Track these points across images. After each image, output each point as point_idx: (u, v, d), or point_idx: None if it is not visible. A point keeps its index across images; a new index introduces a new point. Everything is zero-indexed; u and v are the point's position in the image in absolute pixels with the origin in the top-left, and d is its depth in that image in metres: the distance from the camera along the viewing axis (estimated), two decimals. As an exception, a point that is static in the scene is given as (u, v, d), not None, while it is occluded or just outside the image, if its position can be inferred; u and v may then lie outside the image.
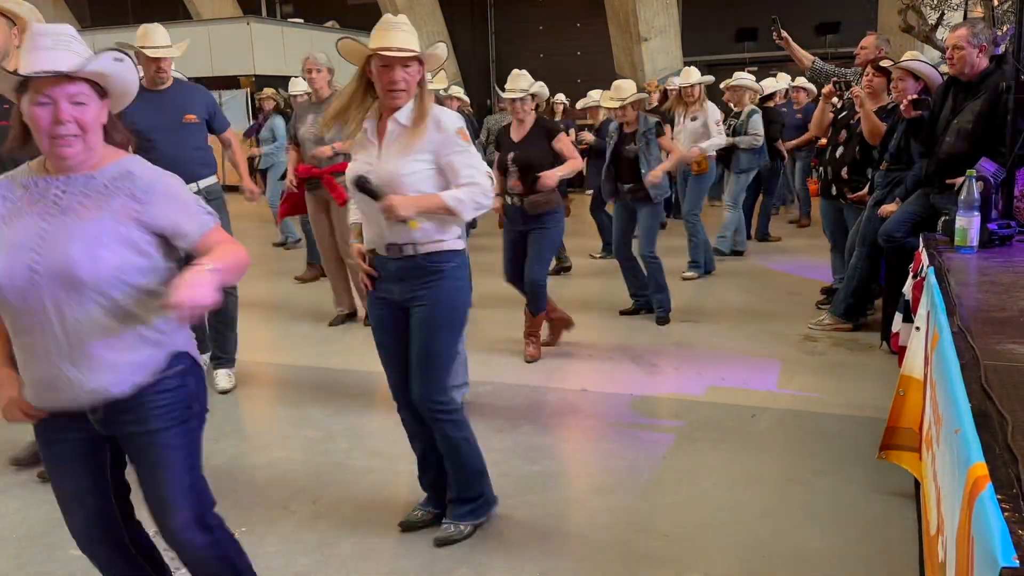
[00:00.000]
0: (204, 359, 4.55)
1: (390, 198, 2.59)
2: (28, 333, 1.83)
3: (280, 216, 6.64)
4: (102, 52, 1.82)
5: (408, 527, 3.01)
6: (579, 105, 9.87)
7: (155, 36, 4.23)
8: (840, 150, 5.70)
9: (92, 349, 1.85)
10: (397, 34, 2.60)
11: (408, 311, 2.78)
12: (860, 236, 5.26)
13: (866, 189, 5.45)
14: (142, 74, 4.32)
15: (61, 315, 1.81)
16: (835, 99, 5.95)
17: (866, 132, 5.36)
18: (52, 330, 1.81)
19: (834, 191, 5.75)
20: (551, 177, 4.62)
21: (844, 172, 5.64)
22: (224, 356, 4.70)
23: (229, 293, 4.61)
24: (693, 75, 7.26)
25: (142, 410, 1.93)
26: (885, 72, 5.37)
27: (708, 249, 7.39)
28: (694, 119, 7.24)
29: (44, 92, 1.77)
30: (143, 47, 4.17)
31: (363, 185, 2.63)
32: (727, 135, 7.67)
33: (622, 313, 6.02)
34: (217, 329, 4.64)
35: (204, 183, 4.34)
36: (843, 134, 5.71)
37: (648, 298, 5.94)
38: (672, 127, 7.56)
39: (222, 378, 4.63)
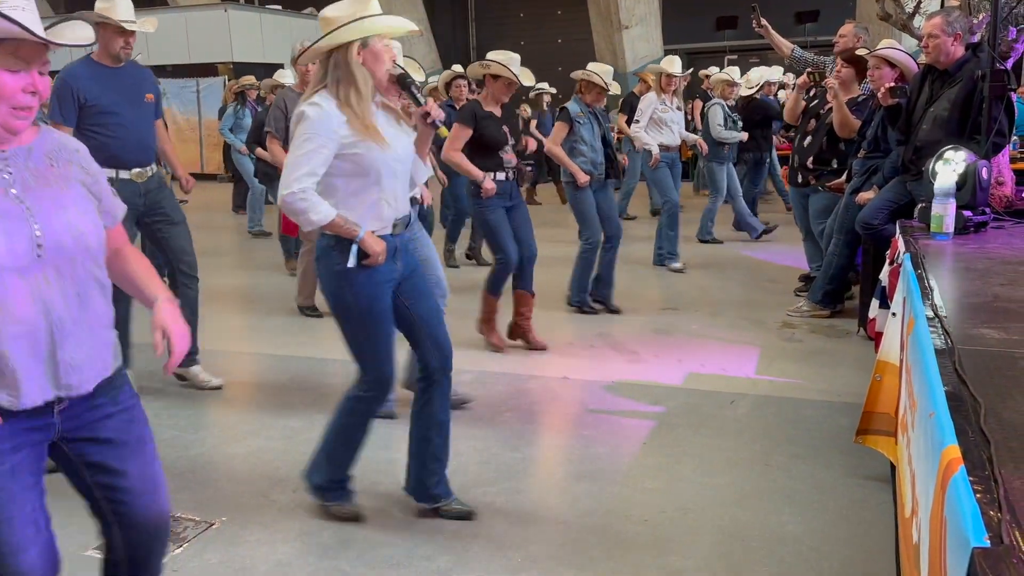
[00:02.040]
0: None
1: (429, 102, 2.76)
2: (21, 320, 1.63)
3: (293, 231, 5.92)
4: (71, 19, 1.71)
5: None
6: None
7: (122, 9, 3.99)
8: (808, 139, 5.76)
9: (92, 326, 1.74)
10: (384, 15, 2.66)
11: (400, 287, 2.82)
12: (837, 224, 5.31)
13: (843, 177, 5.49)
14: (95, 48, 4.09)
15: (64, 292, 1.68)
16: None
17: (836, 123, 5.40)
18: (55, 311, 1.66)
19: (800, 179, 5.82)
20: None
21: (809, 161, 5.69)
22: (196, 351, 4.43)
23: (196, 279, 4.41)
24: (678, 64, 7.30)
25: (113, 388, 1.83)
26: (855, 63, 5.40)
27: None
28: (679, 108, 7.37)
29: (21, 57, 1.59)
30: (119, 20, 3.95)
31: (409, 83, 2.75)
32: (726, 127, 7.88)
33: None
34: (192, 324, 4.37)
35: (155, 166, 4.21)
36: (812, 123, 5.77)
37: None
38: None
39: (205, 375, 4.39)
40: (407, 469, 3.04)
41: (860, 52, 5.41)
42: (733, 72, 8.45)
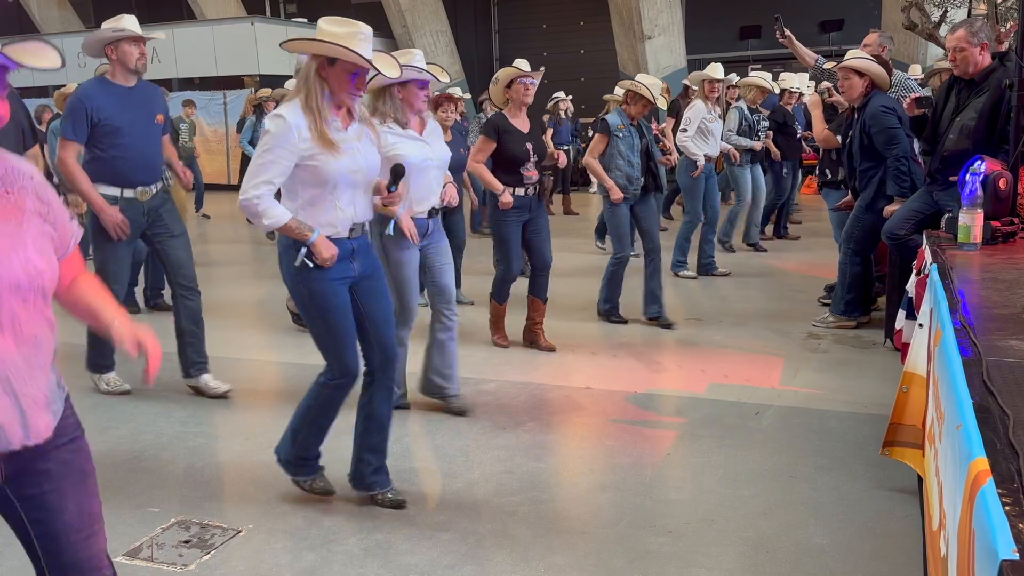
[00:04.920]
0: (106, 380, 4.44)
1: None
2: None
3: None
4: (32, 39, 1.57)
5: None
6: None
7: (129, 23, 4.08)
8: (821, 150, 5.86)
9: (46, 367, 1.61)
10: (368, 45, 2.81)
11: (356, 287, 3.05)
12: (845, 234, 5.31)
13: (849, 194, 5.53)
14: (106, 69, 4.20)
15: (18, 334, 1.54)
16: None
17: (815, 134, 5.57)
18: (10, 356, 1.53)
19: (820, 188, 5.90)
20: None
21: (816, 171, 5.81)
22: (204, 361, 4.52)
23: (196, 291, 4.48)
24: (720, 70, 7.31)
25: (62, 417, 1.68)
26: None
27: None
28: (720, 117, 7.40)
29: None
30: (131, 31, 4.03)
31: (402, 172, 3.12)
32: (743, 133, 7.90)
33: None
34: (196, 335, 4.48)
35: (161, 184, 4.30)
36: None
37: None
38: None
39: (214, 382, 4.49)
40: (352, 460, 3.23)
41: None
42: (766, 76, 8.38)
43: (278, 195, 2.89)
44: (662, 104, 5.79)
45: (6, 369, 1.53)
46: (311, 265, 2.88)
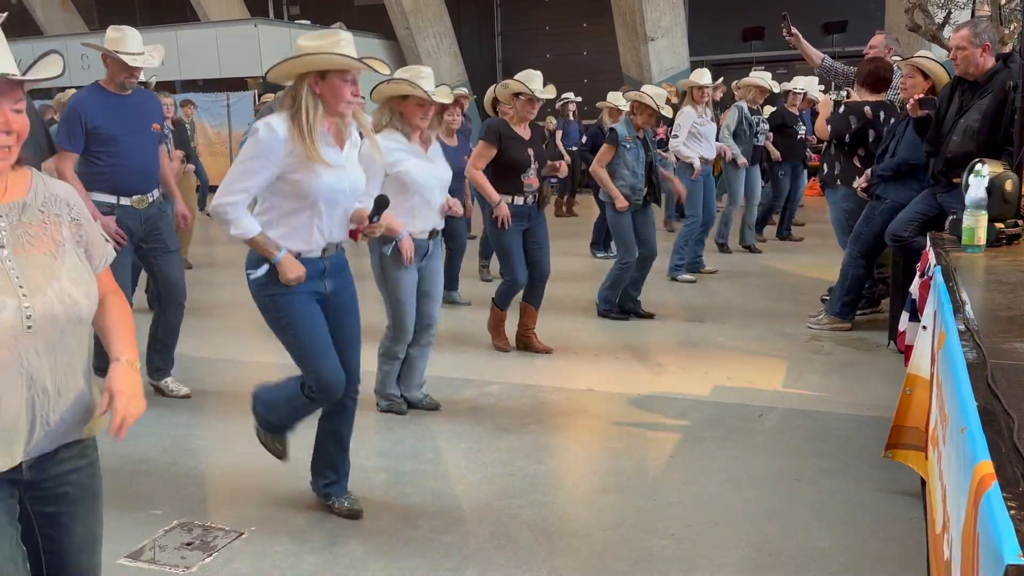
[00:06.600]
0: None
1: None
2: (2, 392, 1.56)
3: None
4: (47, 55, 1.60)
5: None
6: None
7: (131, 41, 4.06)
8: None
9: (75, 390, 1.68)
10: (352, 49, 2.75)
11: (325, 304, 2.96)
12: (852, 236, 5.29)
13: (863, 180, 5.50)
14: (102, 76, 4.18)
15: (53, 364, 1.61)
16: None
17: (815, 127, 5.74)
18: (40, 383, 1.59)
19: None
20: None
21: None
22: (168, 367, 4.52)
23: (181, 306, 4.46)
24: (707, 76, 7.35)
25: (83, 440, 1.75)
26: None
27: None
28: (712, 120, 7.48)
29: None
30: (121, 52, 4.01)
31: (385, 204, 2.99)
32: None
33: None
34: (167, 344, 4.46)
35: (158, 192, 4.30)
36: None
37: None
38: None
39: (175, 384, 4.49)
40: (311, 469, 3.20)
41: (896, 58, 5.38)
42: (765, 76, 8.39)
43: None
44: (667, 113, 5.85)
45: (33, 394, 1.59)
46: (268, 280, 2.84)
